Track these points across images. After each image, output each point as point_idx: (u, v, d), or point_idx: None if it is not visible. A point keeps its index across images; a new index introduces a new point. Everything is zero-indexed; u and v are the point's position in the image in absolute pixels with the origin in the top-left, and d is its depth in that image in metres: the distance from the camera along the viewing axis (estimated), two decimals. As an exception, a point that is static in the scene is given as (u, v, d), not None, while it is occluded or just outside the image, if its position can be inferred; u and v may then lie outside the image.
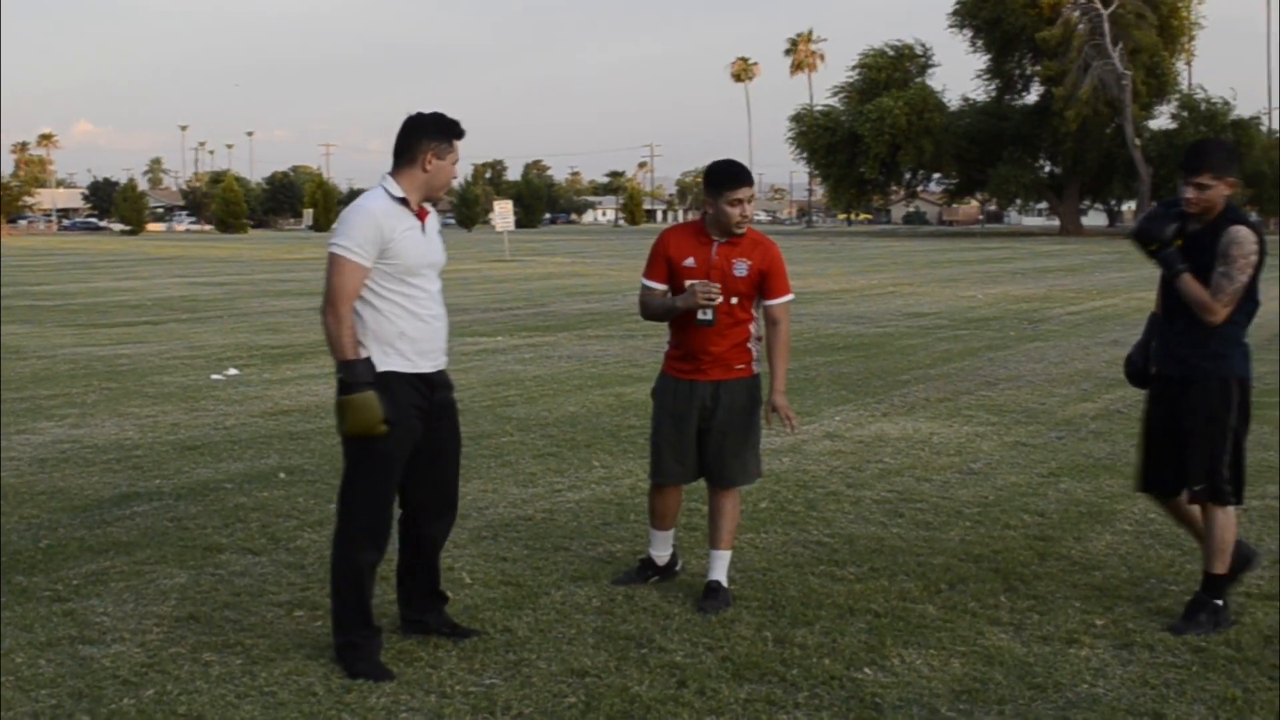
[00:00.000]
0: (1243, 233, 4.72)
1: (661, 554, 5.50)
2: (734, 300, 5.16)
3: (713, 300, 5.04)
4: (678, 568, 5.59)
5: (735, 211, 5.09)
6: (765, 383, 5.31)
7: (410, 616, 4.80)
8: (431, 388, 4.55)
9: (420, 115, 4.54)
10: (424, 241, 4.51)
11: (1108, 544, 6.14)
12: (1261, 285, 4.96)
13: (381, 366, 4.40)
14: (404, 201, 4.45)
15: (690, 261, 5.17)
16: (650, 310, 5.32)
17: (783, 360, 5.29)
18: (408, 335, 4.44)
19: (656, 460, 5.37)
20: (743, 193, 5.09)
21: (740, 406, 5.24)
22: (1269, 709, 4.11)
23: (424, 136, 4.47)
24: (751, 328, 5.30)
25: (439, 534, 4.80)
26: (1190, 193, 4.76)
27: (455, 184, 4.46)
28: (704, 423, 5.22)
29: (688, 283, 5.13)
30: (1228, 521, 4.93)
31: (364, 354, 4.40)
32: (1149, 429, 5.20)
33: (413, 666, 4.47)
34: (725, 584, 5.23)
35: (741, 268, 5.15)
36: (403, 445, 4.47)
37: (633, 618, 5.00)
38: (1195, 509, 5.12)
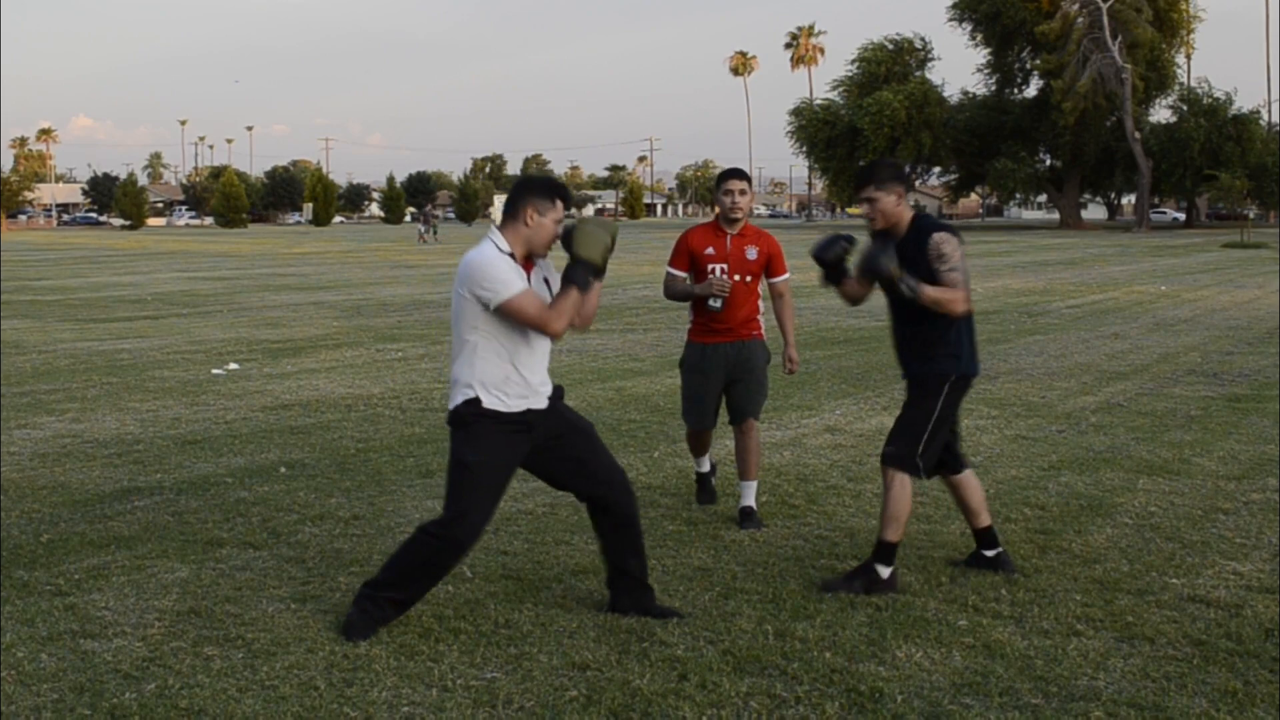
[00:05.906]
0: (943, 235, 5.19)
1: (703, 467, 6.90)
2: (747, 279, 6.40)
3: (724, 291, 6.30)
4: (714, 473, 7.02)
5: (727, 199, 6.37)
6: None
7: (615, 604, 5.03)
8: (529, 426, 4.77)
9: (528, 176, 4.87)
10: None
11: (1108, 537, 6.15)
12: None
13: (485, 404, 4.70)
14: (510, 255, 4.72)
15: (710, 250, 6.40)
16: (672, 291, 6.55)
17: (790, 322, 6.64)
18: (510, 379, 4.73)
19: (688, 412, 6.62)
20: (733, 184, 6.38)
21: (757, 361, 6.49)
22: (1270, 702, 4.12)
23: (528, 194, 4.74)
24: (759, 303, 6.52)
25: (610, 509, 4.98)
26: (864, 209, 5.38)
27: (455, 179, 4.65)
28: (730, 375, 6.46)
29: (712, 267, 6.36)
30: (904, 492, 5.24)
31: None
32: None
33: (414, 660, 4.47)
34: (755, 508, 6.40)
35: (752, 252, 6.42)
36: (497, 477, 4.77)
37: (634, 611, 5.00)
38: (967, 484, 5.56)
